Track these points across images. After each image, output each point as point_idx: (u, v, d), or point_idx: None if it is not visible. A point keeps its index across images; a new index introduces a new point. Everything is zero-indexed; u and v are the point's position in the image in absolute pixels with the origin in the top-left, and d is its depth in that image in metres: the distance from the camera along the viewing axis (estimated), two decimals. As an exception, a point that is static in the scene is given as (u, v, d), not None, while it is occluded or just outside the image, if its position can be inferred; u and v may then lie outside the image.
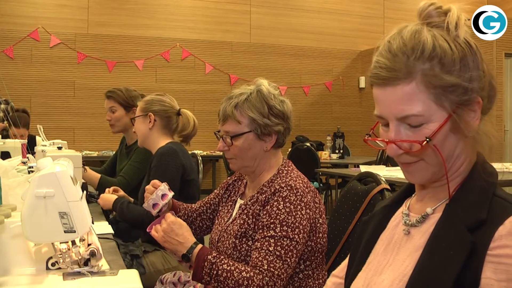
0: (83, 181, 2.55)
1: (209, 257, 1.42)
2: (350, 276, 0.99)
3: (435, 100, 0.81)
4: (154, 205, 1.62)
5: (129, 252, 2.25)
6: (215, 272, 1.39)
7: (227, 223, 1.60)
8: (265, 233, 1.43)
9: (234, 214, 1.61)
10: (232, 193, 1.72)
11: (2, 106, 3.05)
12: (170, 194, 1.66)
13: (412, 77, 0.81)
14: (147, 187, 1.71)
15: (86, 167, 2.68)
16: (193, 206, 1.82)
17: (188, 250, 1.45)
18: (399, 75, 0.82)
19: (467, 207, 0.82)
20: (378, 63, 0.85)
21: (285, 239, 1.40)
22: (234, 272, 1.38)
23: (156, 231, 1.53)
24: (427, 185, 0.91)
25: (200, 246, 1.46)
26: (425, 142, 0.81)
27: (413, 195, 0.97)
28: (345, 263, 1.07)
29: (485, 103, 0.86)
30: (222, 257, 1.43)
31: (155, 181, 1.71)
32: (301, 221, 1.43)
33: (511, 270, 0.73)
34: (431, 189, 0.90)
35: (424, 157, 0.85)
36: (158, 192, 1.63)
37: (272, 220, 1.43)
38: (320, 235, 1.51)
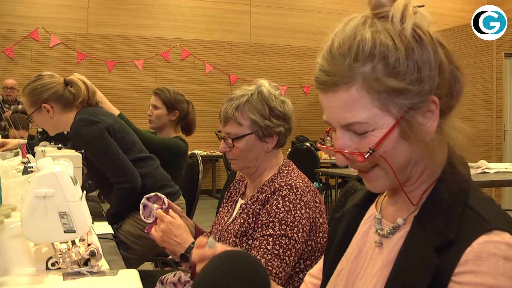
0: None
1: (209, 257, 1.42)
2: (323, 279, 0.95)
3: (379, 106, 0.72)
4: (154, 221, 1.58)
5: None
6: (214, 271, 1.39)
7: (228, 222, 1.60)
8: (264, 232, 1.43)
9: (234, 213, 1.61)
10: (233, 194, 1.72)
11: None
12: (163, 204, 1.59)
13: (351, 82, 0.72)
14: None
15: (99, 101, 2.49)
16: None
17: (186, 250, 1.45)
18: (338, 80, 0.73)
19: (435, 222, 0.75)
20: (319, 65, 0.77)
21: (283, 237, 1.40)
22: (234, 271, 1.38)
23: (155, 231, 1.53)
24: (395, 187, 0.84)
25: (199, 246, 1.46)
26: (368, 154, 0.73)
27: (384, 192, 0.90)
28: (321, 263, 1.02)
29: (446, 101, 0.76)
30: (221, 256, 1.43)
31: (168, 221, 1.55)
32: (301, 220, 1.43)
33: None
34: (402, 193, 0.83)
35: (377, 163, 0.77)
36: (153, 212, 1.57)
37: (271, 219, 1.43)
38: (321, 234, 1.51)
